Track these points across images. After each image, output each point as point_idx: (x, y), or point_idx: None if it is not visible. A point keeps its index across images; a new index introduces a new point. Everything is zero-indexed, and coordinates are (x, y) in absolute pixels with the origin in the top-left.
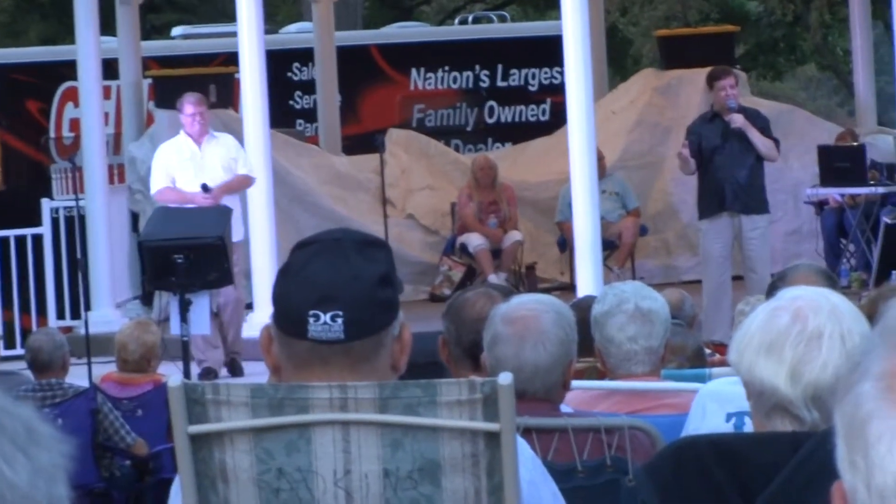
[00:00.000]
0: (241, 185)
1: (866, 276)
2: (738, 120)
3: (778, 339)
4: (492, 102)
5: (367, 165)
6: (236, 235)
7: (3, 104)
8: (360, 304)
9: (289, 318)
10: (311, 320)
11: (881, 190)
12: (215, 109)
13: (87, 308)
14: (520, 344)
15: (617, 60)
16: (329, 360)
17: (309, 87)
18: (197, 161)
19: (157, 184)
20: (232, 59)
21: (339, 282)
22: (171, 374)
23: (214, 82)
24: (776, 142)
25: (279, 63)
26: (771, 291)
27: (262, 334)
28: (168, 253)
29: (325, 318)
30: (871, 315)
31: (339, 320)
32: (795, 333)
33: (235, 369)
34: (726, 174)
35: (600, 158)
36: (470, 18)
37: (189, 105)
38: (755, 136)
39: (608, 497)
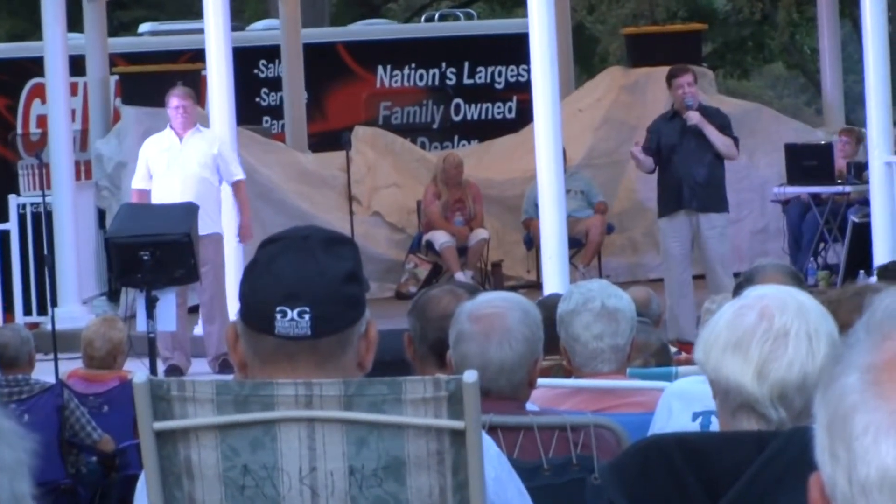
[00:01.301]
0: (246, 196)
1: (834, 276)
2: (693, 117)
3: (744, 338)
4: (458, 100)
5: (333, 163)
6: (210, 228)
7: None
8: (327, 300)
9: (256, 314)
10: (279, 316)
11: (848, 189)
12: None
13: (54, 304)
14: (485, 342)
15: (584, 58)
16: (296, 356)
17: (275, 84)
18: (173, 153)
19: (133, 179)
20: (199, 55)
21: (307, 278)
22: (137, 370)
23: (181, 79)
24: (735, 140)
25: (246, 60)
26: (737, 290)
27: (229, 331)
28: (135, 249)
29: (293, 314)
30: (835, 313)
31: (307, 317)
32: (762, 332)
33: (229, 368)
34: (683, 172)
35: (563, 154)
36: (436, 16)
37: (174, 98)
38: (712, 133)
39: (574, 495)
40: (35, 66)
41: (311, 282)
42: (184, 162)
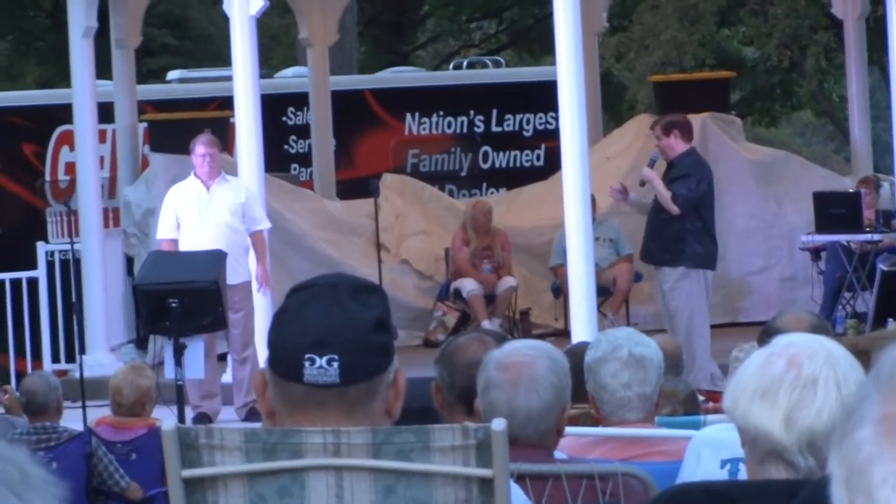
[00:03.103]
0: (265, 245)
1: (862, 324)
2: (643, 173)
3: (773, 386)
4: (486, 147)
5: (361, 210)
6: (240, 277)
7: None
8: (355, 348)
9: (284, 361)
10: (307, 364)
11: (877, 237)
12: None
13: (82, 351)
14: (513, 390)
15: (612, 106)
16: (324, 404)
17: (304, 131)
18: (203, 203)
19: (161, 229)
20: (227, 103)
21: (335, 326)
22: (165, 418)
23: (210, 126)
24: (681, 194)
25: (274, 107)
26: (762, 338)
27: (257, 378)
28: (163, 297)
29: (321, 361)
30: (861, 360)
31: (335, 364)
32: (790, 379)
33: (256, 416)
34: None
35: (592, 201)
36: (465, 63)
37: (200, 146)
38: (658, 188)
39: None
40: (63, 113)
41: (340, 329)
42: (214, 211)
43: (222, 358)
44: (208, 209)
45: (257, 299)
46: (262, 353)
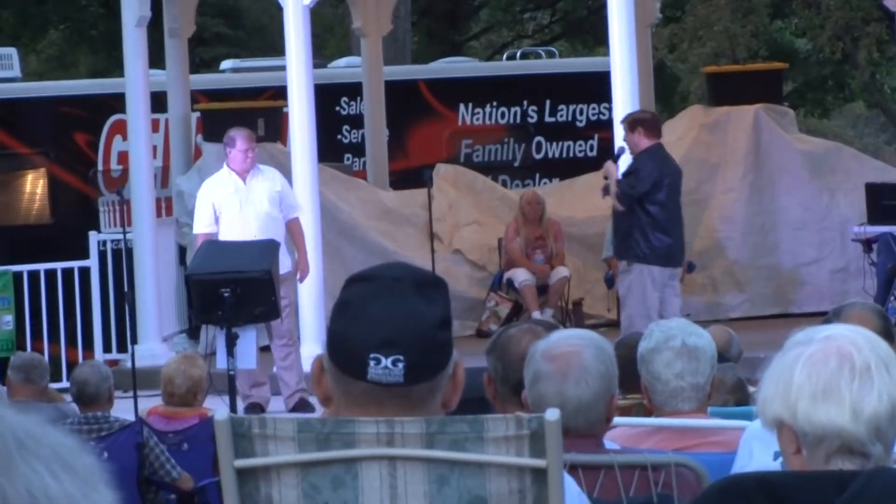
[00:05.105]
0: (303, 233)
1: None
2: (605, 165)
3: (831, 382)
4: (539, 138)
5: (414, 200)
6: (283, 267)
7: (52, 136)
8: (421, 349)
9: (348, 358)
10: (372, 363)
11: None
12: (263, 143)
13: (134, 341)
14: (562, 380)
15: (665, 97)
16: (385, 401)
17: (357, 121)
18: (242, 195)
19: (198, 224)
20: (280, 92)
21: (401, 326)
22: (217, 407)
23: (263, 116)
24: (624, 191)
25: (327, 97)
26: None
27: (314, 365)
28: (215, 287)
29: (387, 362)
30: None
31: (400, 365)
32: (847, 372)
33: (306, 408)
34: None
35: None
36: (518, 54)
37: (242, 141)
38: (611, 182)
39: None
40: (116, 102)
41: (406, 329)
42: (254, 202)
43: (264, 349)
44: (248, 200)
45: (307, 289)
46: (307, 343)
